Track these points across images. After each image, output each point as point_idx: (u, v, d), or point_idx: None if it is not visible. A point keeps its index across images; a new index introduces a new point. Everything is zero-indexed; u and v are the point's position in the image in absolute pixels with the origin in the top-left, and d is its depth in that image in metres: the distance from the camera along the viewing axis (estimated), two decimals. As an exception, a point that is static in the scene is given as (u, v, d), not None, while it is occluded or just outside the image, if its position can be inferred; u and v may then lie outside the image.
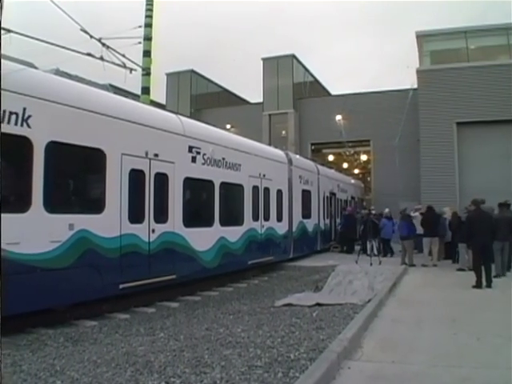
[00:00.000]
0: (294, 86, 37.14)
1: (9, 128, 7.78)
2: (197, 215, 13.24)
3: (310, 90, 40.39)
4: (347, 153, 40.90)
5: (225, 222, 13.95)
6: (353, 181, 35.10)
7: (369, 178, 40.13)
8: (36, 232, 8.23)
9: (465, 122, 26.81)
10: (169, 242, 11.46)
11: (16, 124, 7.92)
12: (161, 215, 11.30)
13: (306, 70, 40.54)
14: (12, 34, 14.47)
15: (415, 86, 29.27)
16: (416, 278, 15.18)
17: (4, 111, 7.69)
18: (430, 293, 12.17)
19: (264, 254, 16.40)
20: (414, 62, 30.20)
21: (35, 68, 9.06)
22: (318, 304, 10.31)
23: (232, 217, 14.73)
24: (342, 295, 11.82)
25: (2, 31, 15.64)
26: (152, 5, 28.25)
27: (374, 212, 23.16)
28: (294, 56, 37.81)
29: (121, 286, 9.93)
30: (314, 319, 8.74)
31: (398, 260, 18.97)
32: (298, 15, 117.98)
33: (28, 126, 8.11)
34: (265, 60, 38.18)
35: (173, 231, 11.65)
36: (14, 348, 7.25)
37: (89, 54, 16.04)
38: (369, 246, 19.96)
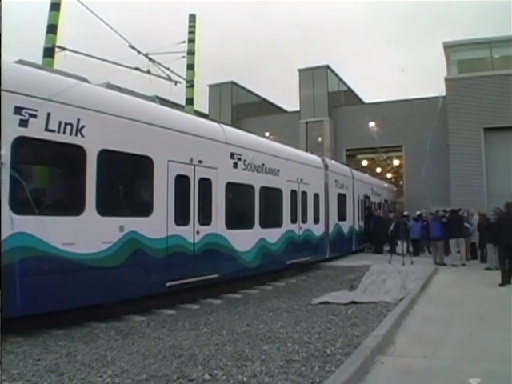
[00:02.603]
0: (328, 95, 36.97)
1: (64, 137, 7.95)
2: (238, 218, 13.20)
3: (344, 98, 40.17)
4: (380, 158, 40.45)
5: (264, 224, 13.91)
6: (386, 185, 34.61)
7: (401, 182, 39.56)
8: (89, 233, 8.34)
9: (491, 127, 26.54)
10: (212, 243, 11.49)
11: (71, 134, 8.06)
12: (205, 218, 11.33)
13: (340, 79, 40.29)
14: (67, 51, 14.84)
15: (444, 94, 29.01)
16: (446, 277, 14.97)
17: (60, 122, 7.87)
18: (459, 291, 12.05)
19: (301, 254, 16.28)
20: (442, 71, 29.94)
21: (88, 82, 9.22)
22: (353, 302, 10.20)
23: (271, 219, 14.65)
24: (375, 294, 11.67)
25: (57, 49, 16.13)
26: (194, 22, 28.65)
27: (406, 214, 23.42)
28: (328, 67, 37.65)
29: (167, 284, 10.00)
30: (349, 316, 8.68)
31: (427, 260, 18.84)
32: (333, 28, 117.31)
33: (82, 135, 8.23)
34: (301, 71, 38.14)
35: (216, 233, 11.67)
36: (69, 340, 7.37)
37: (137, 69, 16.36)
38: (401, 247, 19.75)
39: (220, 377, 5.22)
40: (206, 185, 11.41)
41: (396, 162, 40.29)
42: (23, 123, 7.35)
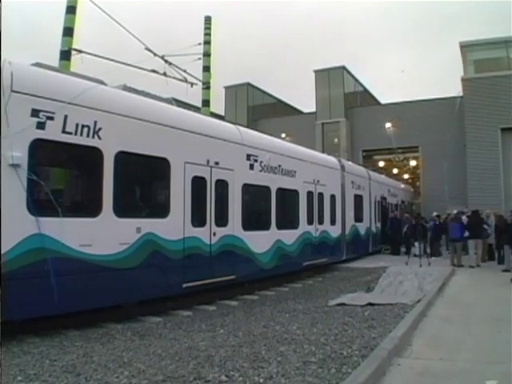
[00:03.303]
0: (345, 95, 36.78)
1: (81, 140, 7.99)
2: (255, 219, 13.19)
3: (360, 99, 39.95)
4: (397, 159, 40.17)
5: (281, 226, 13.85)
6: (402, 186, 34.36)
7: (418, 183, 39.27)
8: (106, 235, 8.36)
9: (509, 127, 26.33)
10: (229, 245, 11.47)
11: (88, 136, 8.09)
12: (221, 219, 11.32)
13: (356, 80, 40.10)
14: (83, 54, 14.91)
15: (461, 94, 28.84)
16: (463, 278, 14.83)
17: (77, 124, 7.89)
18: (477, 293, 11.96)
19: (318, 255, 16.21)
20: (459, 71, 29.72)
21: (104, 84, 9.26)
22: (370, 304, 10.13)
23: (288, 221, 14.58)
24: (392, 295, 11.60)
25: (74, 52, 16.23)
26: (210, 23, 28.75)
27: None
28: (344, 67, 37.47)
29: (184, 286, 9.99)
30: (365, 318, 8.60)
31: (444, 261, 18.72)
32: (350, 28, 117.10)
33: (99, 137, 8.26)
34: (317, 72, 37.98)
35: (232, 234, 11.65)
36: (86, 340, 7.39)
37: (153, 71, 16.37)
38: (418, 248, 19.60)
39: (236, 378, 5.19)
40: (222, 186, 11.39)
41: (413, 163, 39.97)
42: (40, 125, 7.39)
